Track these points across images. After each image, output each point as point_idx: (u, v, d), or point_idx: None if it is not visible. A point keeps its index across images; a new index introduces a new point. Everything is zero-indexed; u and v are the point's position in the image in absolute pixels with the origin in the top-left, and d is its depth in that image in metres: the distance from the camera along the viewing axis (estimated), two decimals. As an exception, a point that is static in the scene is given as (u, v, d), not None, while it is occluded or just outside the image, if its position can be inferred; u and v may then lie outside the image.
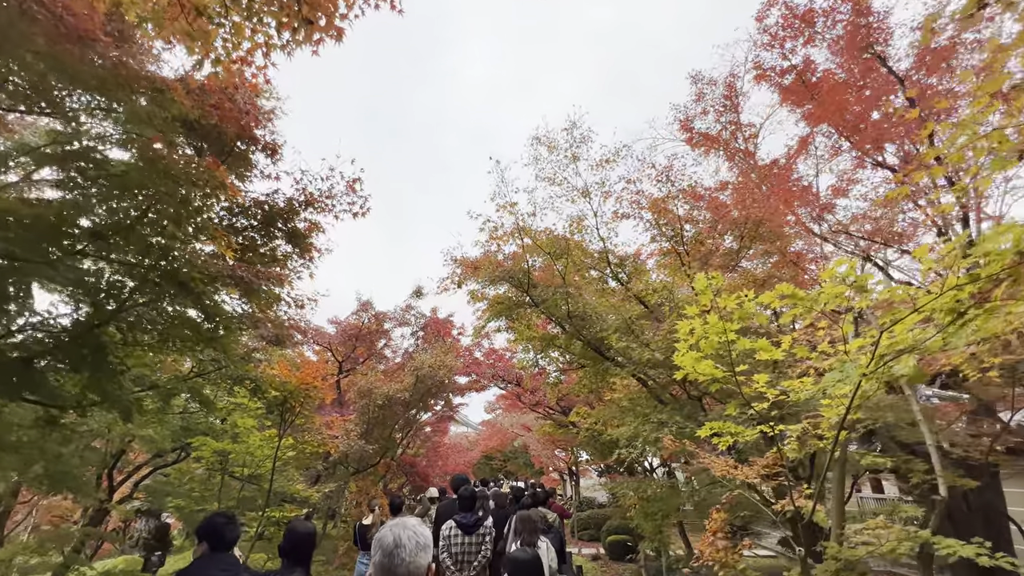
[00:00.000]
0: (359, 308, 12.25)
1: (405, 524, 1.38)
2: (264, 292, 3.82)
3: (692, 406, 5.10)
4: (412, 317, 12.79)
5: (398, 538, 1.31)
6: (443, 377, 10.97)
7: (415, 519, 1.46)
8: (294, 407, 6.36)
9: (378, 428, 10.67)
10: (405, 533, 1.33)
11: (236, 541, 2.40)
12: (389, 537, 1.32)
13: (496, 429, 26.40)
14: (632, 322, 5.30)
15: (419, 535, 1.35)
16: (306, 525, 2.56)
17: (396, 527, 1.36)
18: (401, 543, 1.30)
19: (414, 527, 1.37)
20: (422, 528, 1.40)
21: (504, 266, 6.34)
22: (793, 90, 7.51)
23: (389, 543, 1.31)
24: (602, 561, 13.22)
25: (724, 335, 2.42)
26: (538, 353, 8.07)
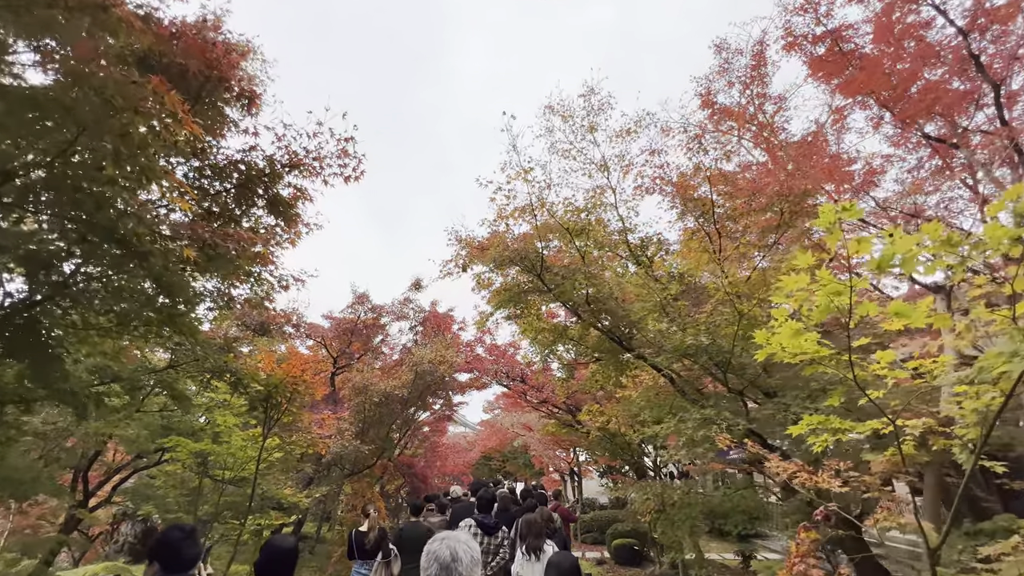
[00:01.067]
0: (354, 301, 11.54)
1: (459, 538, 1.37)
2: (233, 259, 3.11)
3: (731, 401, 4.45)
4: (411, 311, 12.08)
5: (454, 552, 1.32)
6: (443, 373, 10.27)
7: (466, 533, 1.51)
8: (280, 403, 5.66)
9: (374, 427, 9.96)
10: (461, 547, 1.33)
11: (196, 560, 2.08)
12: (445, 551, 1.32)
13: (496, 429, 25.72)
14: (669, 303, 4.64)
15: (473, 549, 1.36)
16: (286, 540, 2.26)
17: (451, 541, 1.36)
18: (458, 557, 1.31)
19: (467, 541, 1.37)
20: (474, 543, 1.39)
21: (514, 247, 5.65)
22: (826, 61, 6.87)
23: (446, 556, 1.31)
24: (608, 566, 12.58)
25: (839, 298, 1.75)
26: (546, 348, 7.39)
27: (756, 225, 5.05)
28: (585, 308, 5.51)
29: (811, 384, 3.64)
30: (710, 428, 3.74)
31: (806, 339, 1.93)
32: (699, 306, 4.50)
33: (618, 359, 6.24)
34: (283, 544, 2.21)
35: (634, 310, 5.00)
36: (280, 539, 2.25)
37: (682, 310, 4.57)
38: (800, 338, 1.93)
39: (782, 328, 1.90)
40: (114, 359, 4.59)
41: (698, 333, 4.01)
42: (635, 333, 5.64)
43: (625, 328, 5.69)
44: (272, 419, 5.65)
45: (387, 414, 10.04)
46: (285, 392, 5.61)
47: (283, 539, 2.27)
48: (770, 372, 4.46)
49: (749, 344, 4.24)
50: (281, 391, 5.60)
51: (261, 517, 5.80)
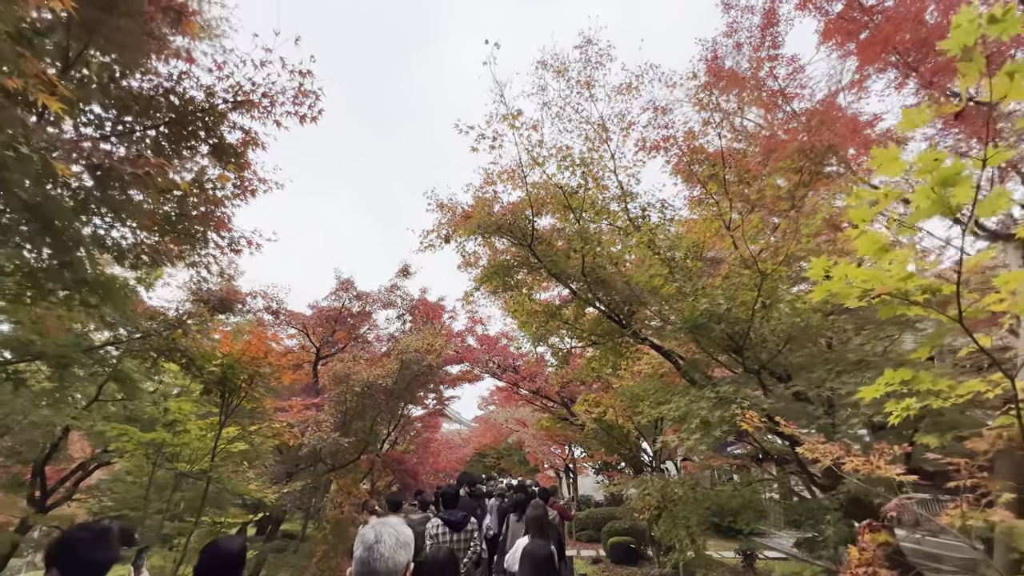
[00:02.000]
0: (338, 287, 10.86)
1: (387, 522, 1.40)
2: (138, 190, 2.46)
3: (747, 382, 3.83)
4: (398, 298, 11.42)
5: (379, 535, 1.33)
6: (432, 362, 9.64)
7: (397, 518, 1.53)
8: (238, 386, 5.01)
9: (357, 420, 9.32)
10: (386, 530, 1.35)
11: (108, 566, 1.79)
12: (371, 533, 1.35)
13: (490, 425, 25.20)
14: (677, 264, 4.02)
15: (399, 533, 1.36)
16: (232, 543, 2.04)
17: (378, 524, 1.38)
18: (381, 539, 1.32)
19: (395, 525, 1.38)
20: (403, 527, 1.39)
21: (501, 213, 5.02)
22: (843, 18, 6.27)
23: (370, 539, 1.33)
24: (603, 565, 12.02)
25: (959, 186, 1.15)
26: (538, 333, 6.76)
27: (772, 191, 4.44)
28: (581, 282, 4.88)
29: (848, 356, 3.05)
30: (728, 408, 3.13)
31: (893, 259, 1.32)
32: (710, 278, 3.90)
33: (616, 342, 5.63)
34: (228, 547, 2.01)
35: (637, 277, 4.36)
36: (226, 541, 2.05)
37: (694, 271, 3.97)
38: (886, 256, 1.32)
39: (860, 239, 1.29)
40: (37, 332, 3.95)
41: (714, 297, 3.40)
42: (636, 311, 5.03)
43: (625, 306, 5.07)
44: (230, 404, 5.00)
45: (370, 406, 9.39)
46: (243, 374, 4.96)
47: (229, 541, 2.06)
48: (793, 348, 3.86)
49: (769, 314, 3.65)
50: (239, 372, 4.95)
51: (221, 515, 5.14)
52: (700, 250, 5.15)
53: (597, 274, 4.78)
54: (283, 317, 10.35)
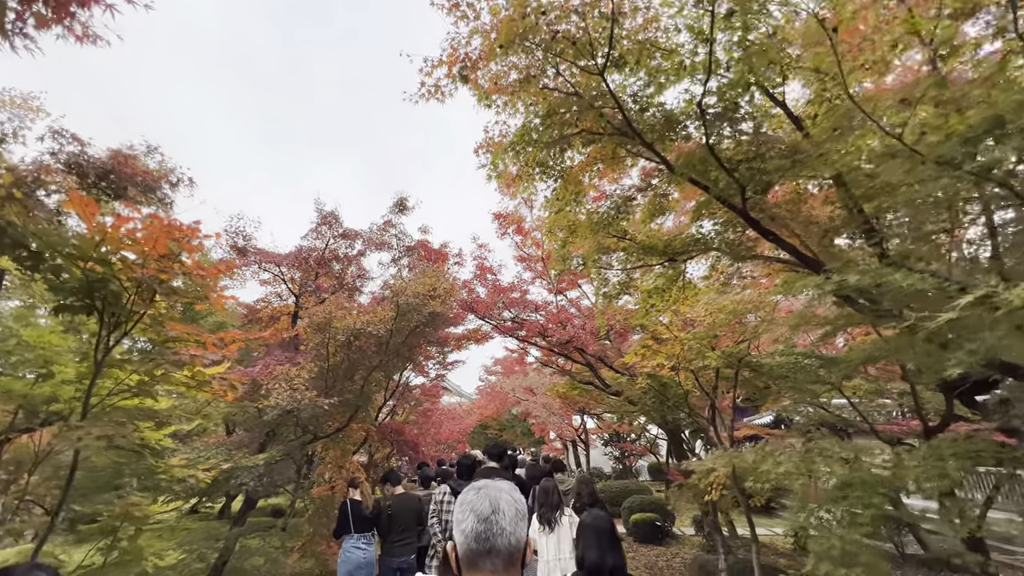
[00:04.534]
0: (320, 222, 8.66)
1: (500, 487, 1.06)
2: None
3: None
4: (393, 238, 9.26)
5: (495, 503, 1.02)
6: (435, 309, 7.60)
7: (505, 481, 1.11)
8: (125, 299, 2.96)
9: (343, 379, 7.34)
10: (503, 497, 1.03)
11: None
12: (484, 502, 1.02)
13: (493, 395, 23.55)
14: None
15: (517, 501, 1.05)
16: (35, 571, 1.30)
17: (490, 490, 1.05)
18: (499, 508, 1.01)
19: (510, 491, 1.06)
20: (517, 493, 1.08)
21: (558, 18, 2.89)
22: None
23: (484, 509, 1.01)
24: (627, 544, 10.33)
25: None
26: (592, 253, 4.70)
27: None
28: (696, 120, 2.73)
29: None
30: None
31: None
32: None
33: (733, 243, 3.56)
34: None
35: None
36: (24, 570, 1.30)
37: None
38: None
39: None
40: None
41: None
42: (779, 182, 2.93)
43: (767, 177, 2.96)
44: (111, 326, 2.94)
45: (360, 362, 7.37)
46: (130, 277, 2.88)
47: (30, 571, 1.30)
48: None
49: None
50: (124, 275, 2.87)
51: (111, 504, 3.14)
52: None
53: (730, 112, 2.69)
54: (252, 256, 8.20)
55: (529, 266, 10.79)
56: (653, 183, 4.11)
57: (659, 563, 9.15)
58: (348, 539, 5.26)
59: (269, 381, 6.14)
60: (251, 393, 6.83)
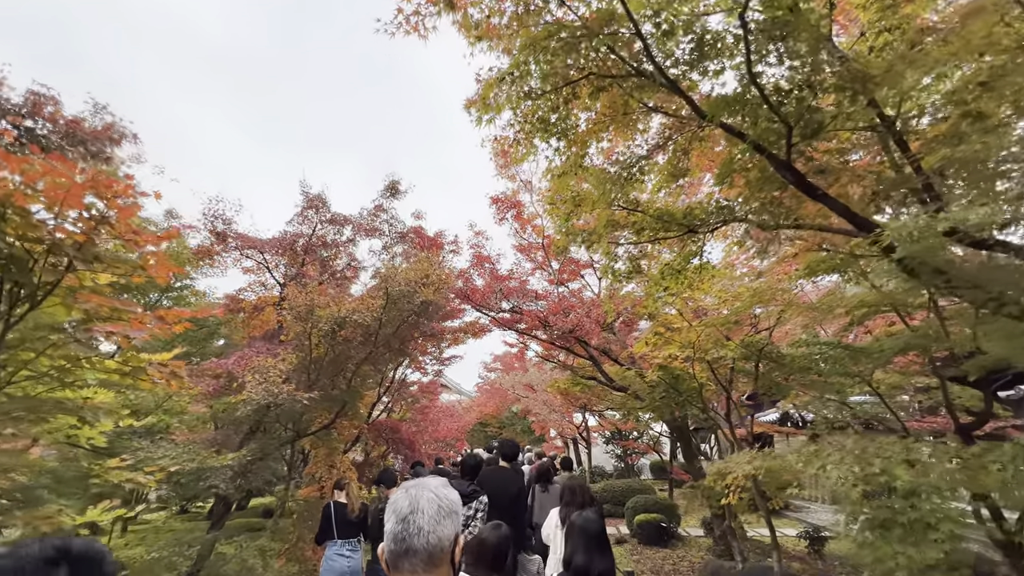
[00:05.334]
0: (306, 206, 8.07)
1: (425, 484, 1.04)
2: None
3: None
4: (385, 224, 8.67)
5: (415, 502, 0.99)
6: (428, 298, 7.02)
7: (438, 479, 1.07)
8: (32, 265, 2.38)
9: (327, 372, 6.76)
10: (423, 495, 1.00)
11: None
12: (403, 501, 1.00)
13: (492, 392, 23.01)
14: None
15: (441, 498, 1.01)
16: None
17: (413, 488, 1.03)
18: (418, 507, 0.98)
19: (436, 488, 1.02)
20: (446, 490, 1.04)
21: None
22: None
23: (403, 509, 0.98)
24: (631, 545, 9.81)
25: None
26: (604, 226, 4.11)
27: None
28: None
29: None
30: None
31: None
32: None
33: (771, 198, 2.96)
34: None
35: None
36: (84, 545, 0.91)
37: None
38: None
39: None
40: None
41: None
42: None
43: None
44: (12, 299, 2.36)
45: (345, 353, 6.79)
46: (33, 238, 2.30)
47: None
48: None
49: None
50: (18, 233, 2.28)
51: (16, 515, 2.56)
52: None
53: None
54: (232, 242, 7.61)
55: (529, 256, 10.21)
56: (673, 139, 3.51)
57: (665, 566, 8.63)
58: (331, 545, 4.84)
59: (244, 373, 5.57)
60: (226, 387, 6.26)
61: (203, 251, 7.54)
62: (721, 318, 4.71)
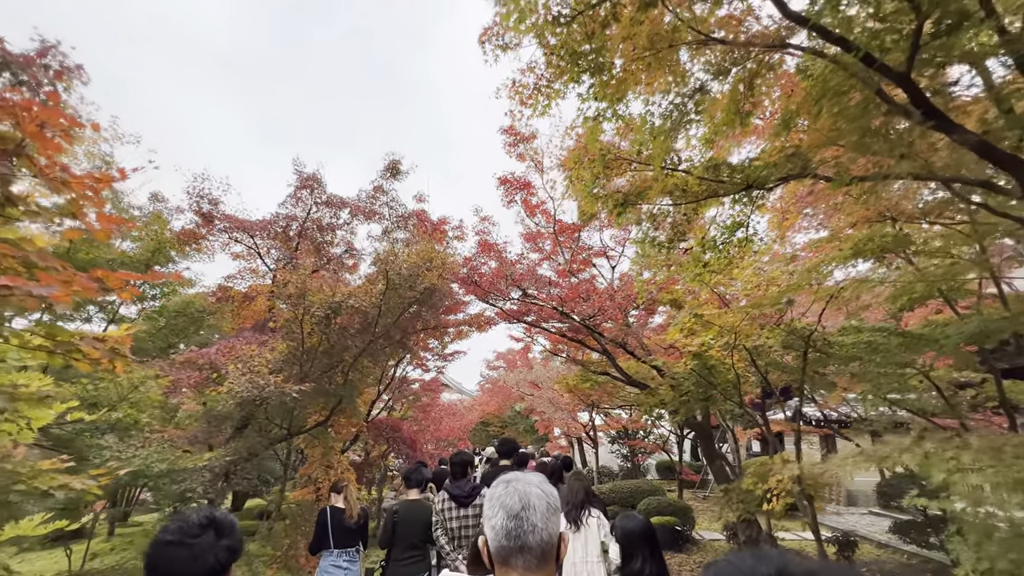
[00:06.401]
0: (300, 185, 7.40)
1: (529, 480, 0.96)
2: None
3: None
4: (385, 207, 8.01)
5: (525, 498, 0.93)
6: (432, 284, 6.37)
7: (537, 475, 0.99)
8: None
9: (321, 364, 6.10)
10: (533, 491, 0.94)
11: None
12: (513, 497, 0.93)
13: (495, 391, 22.36)
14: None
15: (548, 495, 0.95)
16: None
17: (517, 483, 0.95)
18: (529, 503, 0.92)
19: (540, 484, 0.96)
20: (549, 487, 0.98)
21: None
22: None
23: (514, 505, 0.92)
24: (643, 551, 9.10)
25: None
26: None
27: None
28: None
29: None
30: None
31: None
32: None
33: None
34: None
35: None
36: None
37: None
38: None
39: None
40: None
41: None
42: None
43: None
44: None
45: (341, 343, 6.14)
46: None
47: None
48: None
49: None
50: None
51: None
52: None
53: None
54: (220, 223, 6.97)
55: (537, 246, 9.57)
56: (732, 72, 2.86)
57: (682, 573, 8.01)
58: (327, 555, 4.28)
59: (228, 364, 4.94)
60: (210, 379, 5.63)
61: (187, 234, 6.90)
62: (769, 295, 4.07)
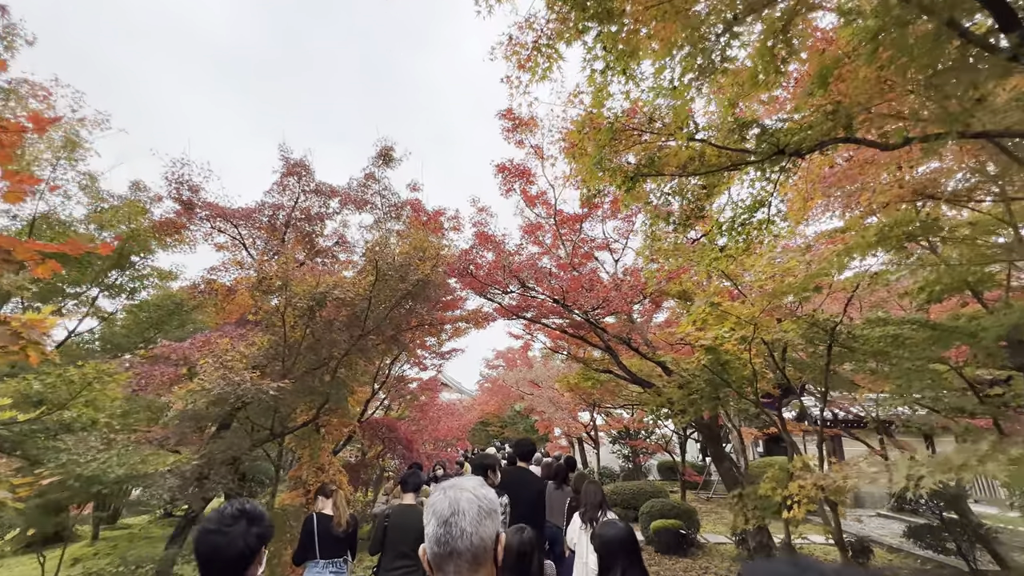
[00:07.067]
0: (286, 172, 6.97)
1: (462, 485, 0.98)
2: None
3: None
4: (377, 196, 7.57)
5: (455, 503, 0.94)
6: (425, 275, 5.95)
7: (475, 478, 1.02)
8: None
9: (306, 359, 5.68)
10: (463, 496, 0.96)
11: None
12: (443, 503, 0.95)
13: (495, 390, 21.97)
14: None
15: (481, 498, 0.96)
16: None
17: (451, 489, 0.98)
18: (459, 508, 0.93)
19: (474, 488, 0.98)
20: (484, 490, 0.99)
21: None
22: None
23: (443, 510, 0.94)
24: (647, 554, 8.72)
25: None
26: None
27: None
28: None
29: None
30: None
31: None
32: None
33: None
34: None
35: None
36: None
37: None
38: None
39: None
40: None
41: None
42: None
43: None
44: None
45: (327, 338, 5.72)
46: None
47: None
48: None
49: None
50: None
51: None
52: None
53: None
54: (201, 212, 6.55)
55: (536, 239, 9.16)
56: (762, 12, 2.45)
57: (689, 576, 7.61)
58: (312, 566, 3.90)
59: (200, 359, 4.52)
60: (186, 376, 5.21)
61: (167, 224, 6.48)
62: (794, 284, 3.66)
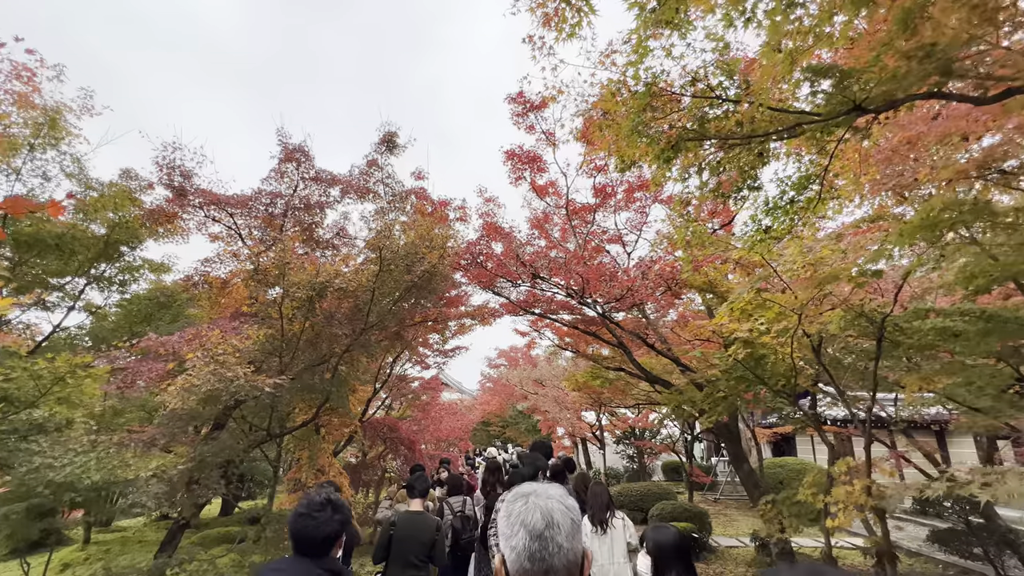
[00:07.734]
0: (284, 158, 6.57)
1: (549, 494, 0.84)
2: None
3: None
4: (380, 184, 7.17)
5: (548, 516, 0.81)
6: (432, 266, 5.56)
7: (557, 487, 0.87)
8: None
9: (305, 354, 5.27)
10: (556, 507, 0.82)
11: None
12: (535, 514, 0.81)
13: (497, 390, 21.57)
14: None
15: (571, 510, 0.84)
16: None
17: (539, 498, 0.83)
18: (553, 521, 0.81)
19: (562, 498, 0.84)
20: (571, 500, 0.85)
21: None
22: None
23: (537, 524, 0.80)
24: (658, 560, 8.29)
25: None
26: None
27: None
28: None
29: None
30: None
31: None
32: None
33: None
34: None
35: None
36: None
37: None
38: None
39: None
40: None
41: None
42: None
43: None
44: None
45: (327, 332, 5.32)
46: None
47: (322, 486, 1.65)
48: None
49: None
50: None
51: None
52: None
53: None
54: (194, 199, 6.15)
55: (545, 232, 8.78)
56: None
57: (707, 584, 7.23)
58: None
59: (190, 353, 4.13)
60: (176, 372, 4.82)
61: (158, 212, 6.08)
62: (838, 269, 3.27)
